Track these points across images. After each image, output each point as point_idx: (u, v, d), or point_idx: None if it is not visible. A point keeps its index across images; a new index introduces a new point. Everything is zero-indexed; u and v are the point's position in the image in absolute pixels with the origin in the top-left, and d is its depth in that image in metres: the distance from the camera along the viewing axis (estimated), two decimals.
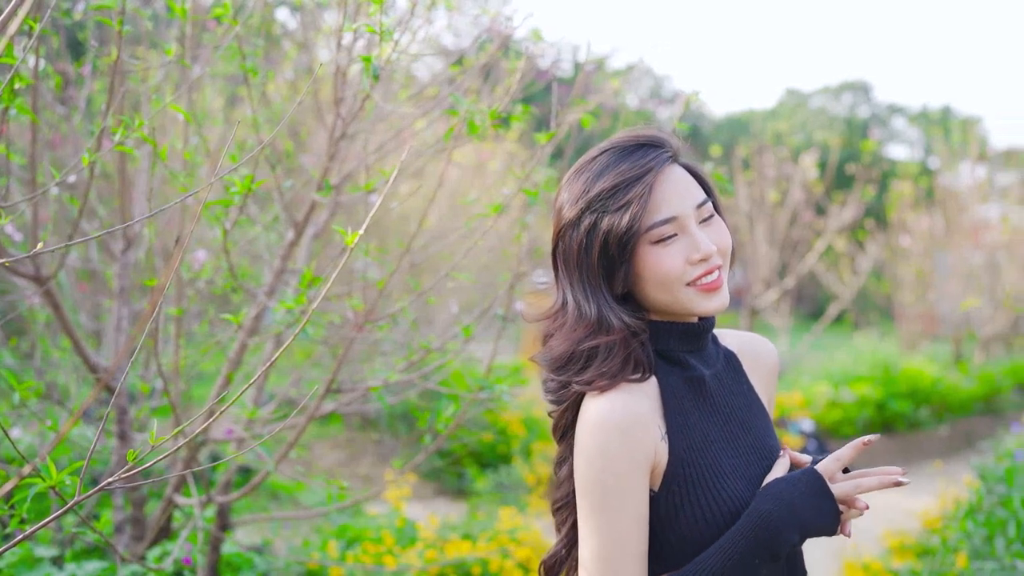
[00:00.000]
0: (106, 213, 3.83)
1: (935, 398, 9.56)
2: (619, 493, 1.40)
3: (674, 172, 1.48)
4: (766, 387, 1.63)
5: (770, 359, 1.65)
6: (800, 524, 1.38)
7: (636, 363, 1.47)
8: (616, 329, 1.46)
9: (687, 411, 1.48)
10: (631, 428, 1.41)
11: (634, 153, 1.47)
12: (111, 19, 2.29)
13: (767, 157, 10.91)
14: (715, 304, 1.47)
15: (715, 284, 1.46)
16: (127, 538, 3.09)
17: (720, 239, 1.49)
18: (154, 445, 1.29)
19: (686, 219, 1.45)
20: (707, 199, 1.49)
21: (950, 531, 4.55)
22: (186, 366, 3.30)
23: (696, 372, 1.51)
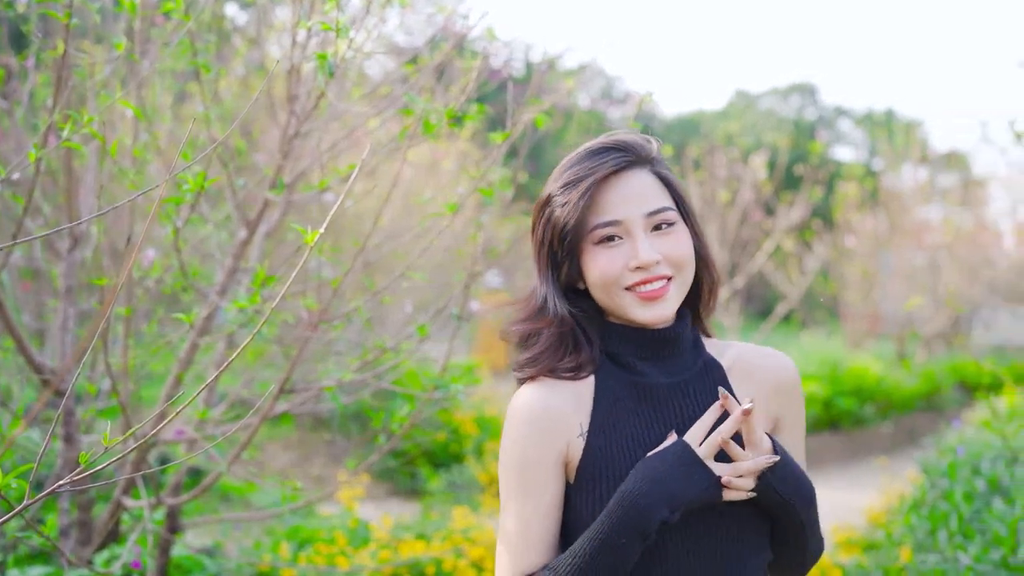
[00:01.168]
0: (51, 211, 3.74)
1: (879, 396, 9.78)
2: (525, 482, 1.47)
3: (633, 177, 1.49)
4: (766, 403, 1.54)
5: (770, 375, 1.55)
6: (669, 497, 1.38)
7: (573, 357, 1.51)
8: (553, 317, 1.51)
9: (621, 413, 1.49)
10: (539, 421, 1.47)
11: (597, 155, 1.49)
12: (57, 12, 2.24)
13: (718, 158, 11.05)
14: (651, 314, 1.47)
15: (654, 294, 1.46)
16: (73, 542, 3.03)
17: (673, 250, 1.47)
18: (108, 447, 1.27)
19: (631, 224, 1.47)
20: (665, 208, 1.48)
21: (894, 525, 4.65)
22: (135, 366, 3.24)
23: (644, 379, 1.51)
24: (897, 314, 12.34)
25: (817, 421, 9.11)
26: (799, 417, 1.59)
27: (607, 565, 1.38)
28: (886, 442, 9.54)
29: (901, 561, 4.04)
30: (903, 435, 9.69)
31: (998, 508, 3.66)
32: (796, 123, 30.12)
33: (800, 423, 1.59)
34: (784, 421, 1.57)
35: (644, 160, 1.51)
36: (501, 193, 3.24)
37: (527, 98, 3.27)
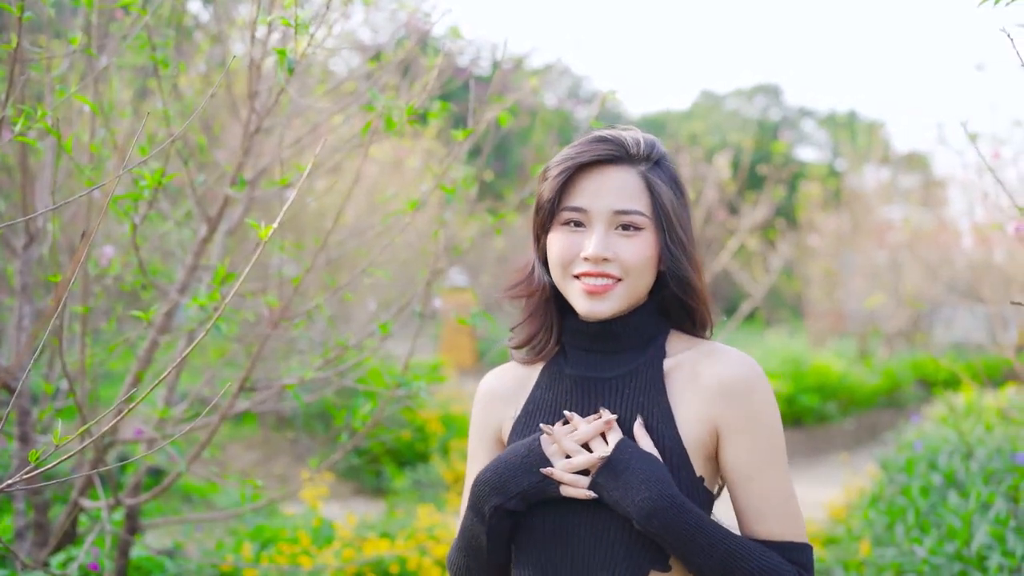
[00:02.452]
0: (6, 207, 3.68)
1: (842, 392, 9.91)
2: (472, 449, 1.64)
3: (615, 172, 1.50)
4: (707, 407, 1.47)
5: (714, 378, 1.47)
6: (503, 484, 1.47)
7: (540, 338, 1.60)
8: (536, 286, 1.58)
9: (549, 402, 1.56)
10: (482, 401, 1.65)
11: (593, 142, 1.52)
12: (10, 5, 2.21)
13: (682, 157, 11.12)
14: (588, 307, 1.49)
15: (596, 289, 1.48)
16: (29, 544, 2.98)
17: (628, 254, 1.47)
18: (58, 445, 1.26)
19: (596, 215, 1.49)
20: (635, 211, 1.47)
21: (854, 520, 4.72)
22: (93, 365, 3.20)
23: (579, 371, 1.55)
24: (860, 312, 12.52)
25: (781, 417, 9.22)
26: (751, 424, 1.46)
27: (467, 541, 1.53)
28: (848, 438, 9.68)
29: (860, 555, 4.10)
30: (865, 431, 9.83)
31: (953, 502, 3.73)
32: (760, 123, 30.39)
33: (753, 431, 1.46)
34: (728, 427, 1.46)
35: (633, 159, 1.50)
36: (465, 191, 3.24)
37: (490, 96, 3.27)
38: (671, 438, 1.46)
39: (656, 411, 1.48)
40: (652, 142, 1.54)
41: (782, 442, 1.49)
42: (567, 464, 1.44)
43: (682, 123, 27.48)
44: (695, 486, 1.45)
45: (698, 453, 1.46)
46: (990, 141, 5.56)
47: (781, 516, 1.45)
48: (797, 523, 1.47)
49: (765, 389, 1.48)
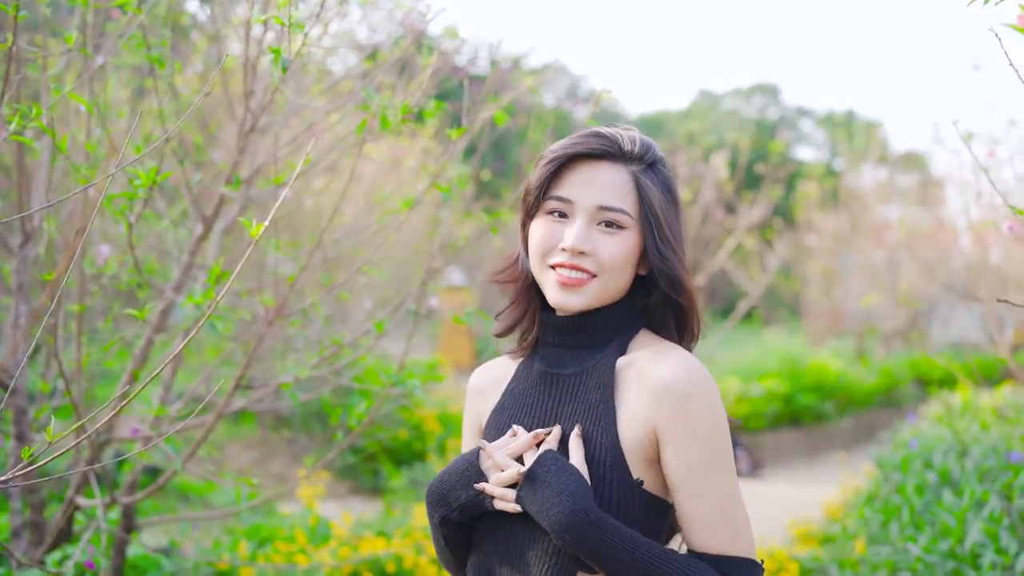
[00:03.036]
0: (3, 207, 3.69)
1: (839, 392, 9.93)
2: (463, 444, 1.71)
3: (605, 167, 1.50)
4: (646, 408, 1.44)
5: (654, 382, 1.43)
6: (444, 495, 1.52)
7: (523, 329, 1.63)
8: (520, 272, 1.60)
9: (518, 396, 1.59)
10: (470, 392, 1.70)
11: (587, 136, 1.52)
12: (6, 4, 2.21)
13: (680, 157, 11.13)
14: (560, 299, 1.50)
15: (569, 281, 1.48)
16: (25, 543, 2.99)
17: (606, 251, 1.47)
18: (52, 442, 1.26)
19: (579, 208, 1.49)
20: (619, 209, 1.47)
21: (850, 519, 4.73)
22: (89, 364, 3.20)
23: (544, 365, 1.57)
24: (857, 312, 12.53)
25: (778, 417, 9.23)
26: (686, 431, 1.40)
27: (435, 540, 1.58)
28: (846, 437, 9.69)
29: (856, 553, 4.11)
30: (862, 430, 9.84)
31: (948, 500, 3.74)
32: (758, 123, 30.41)
33: (688, 438, 1.40)
34: (664, 432, 1.42)
35: (626, 158, 1.50)
36: (461, 190, 3.25)
37: (486, 95, 3.28)
38: (609, 437, 1.44)
39: (601, 409, 1.47)
40: (649, 144, 1.53)
41: (723, 452, 1.42)
42: (497, 479, 1.46)
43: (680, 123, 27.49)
44: (628, 488, 1.42)
45: (637, 455, 1.43)
46: (986, 141, 5.57)
47: (719, 529, 1.41)
48: (739, 538, 1.42)
49: (705, 395, 1.42)
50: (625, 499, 1.42)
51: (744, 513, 1.45)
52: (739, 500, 1.45)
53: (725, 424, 1.44)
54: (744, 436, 8.75)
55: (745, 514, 1.45)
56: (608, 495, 1.41)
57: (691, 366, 1.44)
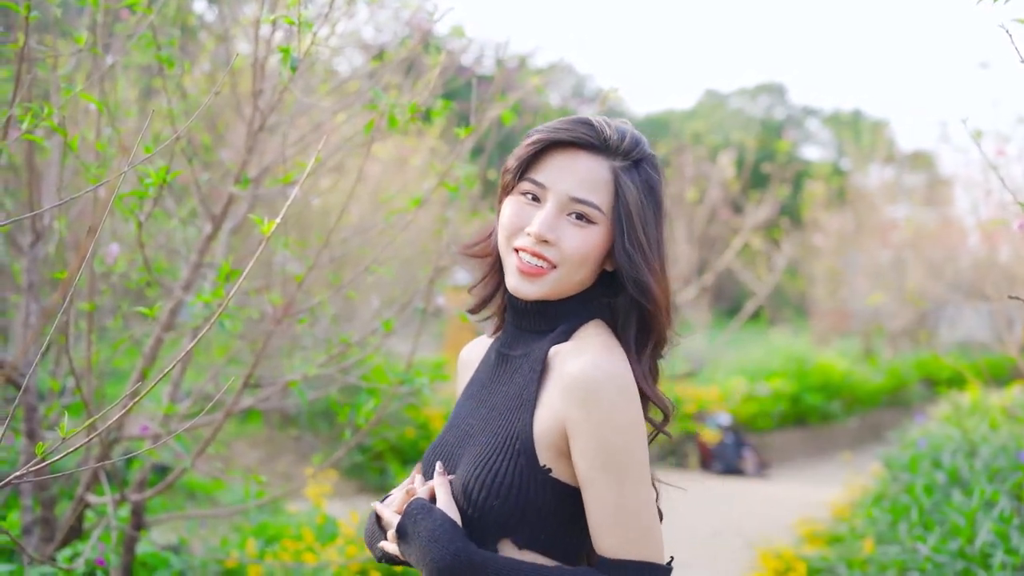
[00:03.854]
0: (14, 206, 3.70)
1: (846, 391, 9.91)
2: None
3: (585, 158, 1.47)
4: (558, 401, 1.43)
5: (564, 376, 1.42)
6: (370, 546, 1.59)
7: (489, 307, 1.65)
8: (493, 247, 1.59)
9: (479, 373, 1.64)
10: (458, 365, 1.76)
11: (574, 123, 1.50)
12: (17, 4, 2.22)
13: (686, 156, 11.13)
14: (517, 284, 1.49)
15: (528, 269, 1.47)
16: (36, 540, 3.00)
17: (570, 244, 1.45)
18: (65, 438, 1.27)
19: (552, 195, 1.47)
20: (591, 203, 1.45)
21: (857, 518, 4.72)
22: (99, 363, 3.22)
23: (500, 346, 1.60)
24: (864, 311, 12.50)
25: (784, 417, 9.21)
26: (587, 428, 1.38)
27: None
28: (852, 437, 9.67)
29: (864, 553, 4.11)
30: (869, 430, 9.82)
31: (957, 500, 3.73)
32: (764, 122, 30.36)
33: (588, 436, 1.38)
34: (569, 427, 1.41)
35: (609, 151, 1.47)
36: (468, 189, 3.25)
37: (493, 95, 3.28)
38: (524, 423, 1.45)
39: (525, 394, 1.48)
40: (636, 141, 1.50)
41: (622, 454, 1.38)
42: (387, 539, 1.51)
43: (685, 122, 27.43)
44: (534, 474, 1.42)
45: (548, 445, 1.43)
46: (994, 138, 5.56)
47: (613, 531, 1.38)
48: (636, 541, 1.38)
49: (610, 395, 1.38)
50: (531, 486, 1.42)
51: (648, 518, 1.40)
52: (643, 504, 1.40)
53: (632, 427, 1.39)
54: (751, 436, 8.74)
55: (650, 519, 1.41)
56: (511, 480, 1.42)
57: (603, 365, 1.40)
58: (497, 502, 1.42)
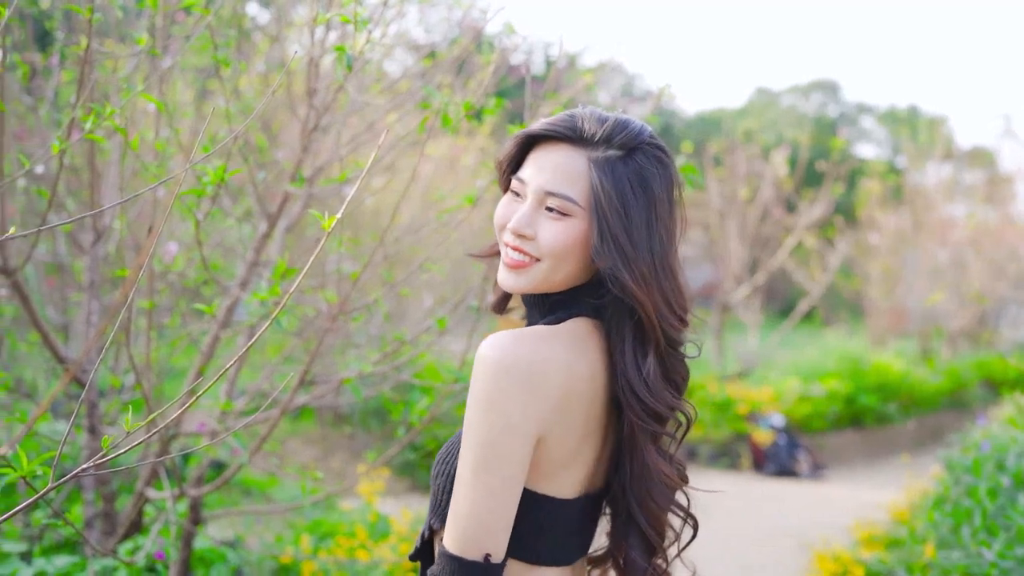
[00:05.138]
0: (75, 206, 3.78)
1: (903, 393, 9.70)
2: None
3: (562, 152, 1.45)
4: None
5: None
6: None
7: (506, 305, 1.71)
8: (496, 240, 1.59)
9: None
10: None
11: (558, 117, 1.49)
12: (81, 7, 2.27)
13: (738, 154, 11.00)
14: (503, 279, 1.49)
15: (512, 262, 1.47)
16: (97, 533, 3.07)
17: (545, 237, 1.43)
18: (130, 432, 1.28)
19: (530, 190, 1.46)
20: (565, 196, 1.42)
21: (918, 522, 4.61)
22: (158, 360, 3.27)
23: None
24: (921, 311, 12.24)
25: (839, 418, 9.05)
26: (469, 401, 1.38)
27: None
28: (910, 440, 9.47)
29: (925, 557, 4.01)
30: (927, 433, 9.60)
31: (1022, 504, 3.62)
32: (817, 120, 29.92)
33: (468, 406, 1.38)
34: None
35: (585, 142, 1.43)
36: None
37: (545, 93, 3.27)
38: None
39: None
40: (621, 129, 1.44)
41: (476, 435, 1.35)
42: None
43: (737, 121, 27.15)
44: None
45: None
46: None
47: (450, 511, 1.38)
48: (455, 526, 1.36)
49: (480, 373, 1.35)
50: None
51: (469, 506, 1.35)
52: (471, 490, 1.35)
53: (486, 407, 1.34)
54: (804, 437, 8.61)
55: (470, 507, 1.35)
56: (453, 458, 1.46)
57: (488, 343, 1.37)
58: (441, 480, 1.47)
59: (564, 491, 1.46)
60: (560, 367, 1.38)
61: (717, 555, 5.45)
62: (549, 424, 1.38)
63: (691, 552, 1.62)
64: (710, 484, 7.82)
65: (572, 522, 1.49)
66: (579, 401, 1.41)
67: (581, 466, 1.47)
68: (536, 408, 1.36)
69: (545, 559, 1.46)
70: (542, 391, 1.36)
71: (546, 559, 1.46)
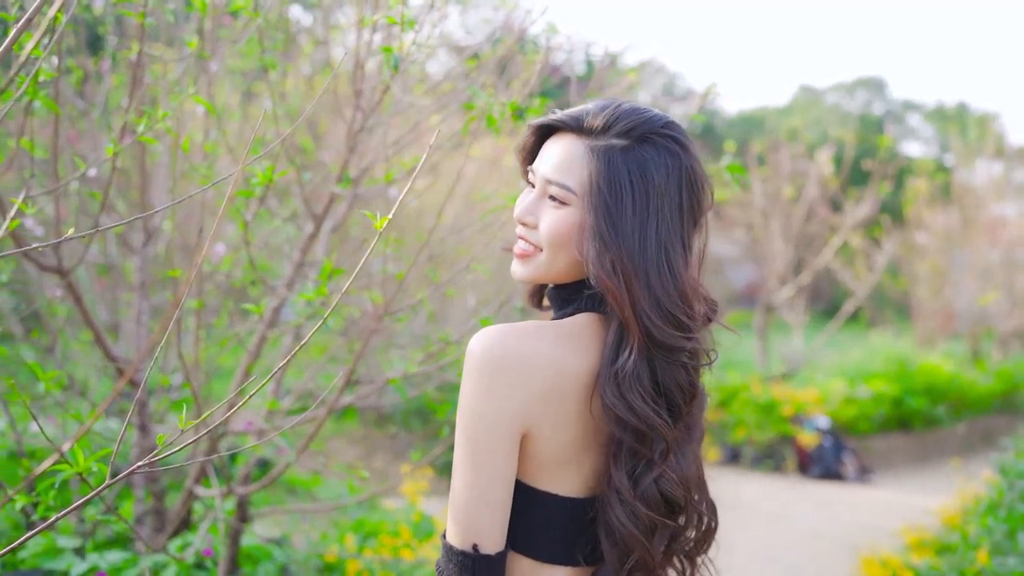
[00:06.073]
0: (125, 208, 3.85)
1: (952, 395, 9.51)
2: None
3: (564, 141, 1.45)
4: None
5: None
6: None
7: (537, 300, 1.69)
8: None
9: None
10: None
11: (569, 109, 1.49)
12: (133, 11, 2.30)
13: (782, 153, 10.87)
14: (512, 268, 1.51)
15: (517, 251, 1.50)
16: (148, 530, 3.11)
17: (544, 224, 1.44)
18: (184, 430, 1.30)
19: (536, 180, 1.47)
20: (562, 184, 1.41)
21: (970, 527, 4.52)
22: (206, 360, 3.31)
23: None
24: (971, 312, 12.00)
25: (886, 420, 8.90)
26: (460, 394, 1.39)
27: None
28: (959, 443, 9.28)
29: (978, 564, 3.93)
30: (977, 436, 9.41)
31: None
32: (862, 118, 29.47)
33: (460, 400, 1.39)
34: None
35: (586, 132, 1.42)
36: None
37: (588, 92, 3.25)
38: None
39: None
40: (624, 117, 1.40)
41: (462, 428, 1.37)
42: None
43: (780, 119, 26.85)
44: None
45: None
46: None
47: (449, 501, 1.40)
48: (450, 516, 1.38)
49: (465, 367, 1.37)
50: None
51: (459, 497, 1.37)
52: (463, 483, 1.37)
53: (471, 401, 1.35)
54: (850, 440, 8.48)
55: (459, 498, 1.37)
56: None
57: (485, 335, 1.37)
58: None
59: (568, 488, 1.43)
60: (544, 362, 1.36)
61: (761, 557, 5.39)
62: (534, 418, 1.36)
63: (734, 555, 1.59)
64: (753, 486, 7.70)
65: (578, 520, 1.44)
66: (570, 397, 1.38)
67: (587, 464, 1.43)
68: (518, 401, 1.35)
69: (547, 556, 1.43)
70: (524, 384, 1.35)
71: (548, 556, 1.43)
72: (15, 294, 4.29)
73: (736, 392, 8.64)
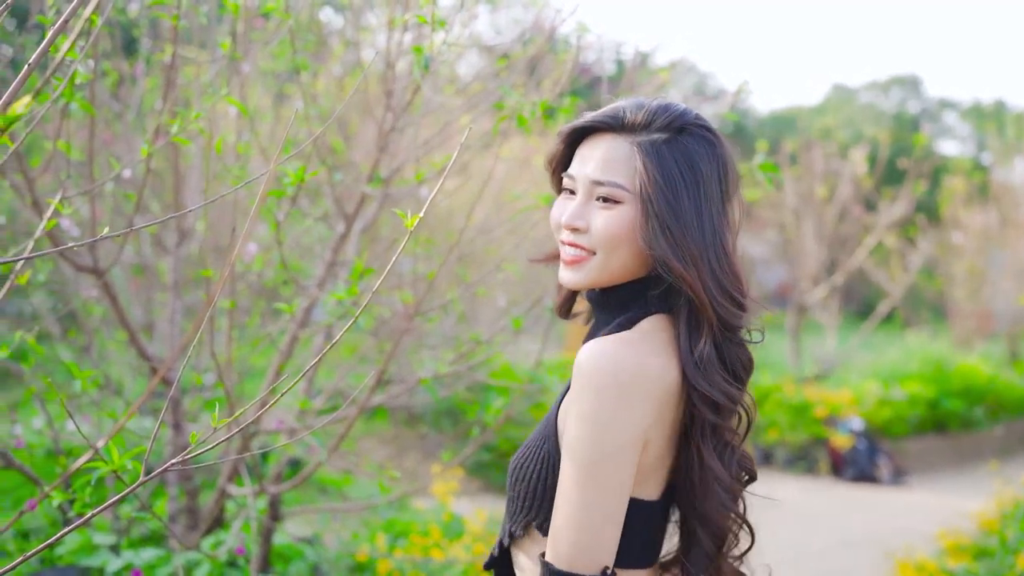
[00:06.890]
0: (160, 209, 3.89)
1: (990, 397, 9.35)
2: None
3: (606, 141, 1.44)
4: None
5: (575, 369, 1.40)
6: None
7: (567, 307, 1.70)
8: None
9: None
10: None
11: (601, 110, 1.48)
12: (168, 14, 2.33)
13: (815, 152, 10.75)
14: (562, 275, 1.49)
15: (567, 258, 1.47)
16: (181, 527, 3.14)
17: (599, 226, 1.42)
18: (216, 428, 1.31)
19: (579, 183, 1.46)
20: (613, 183, 1.41)
21: (1009, 531, 4.44)
22: (238, 359, 3.34)
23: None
24: (1008, 313, 11.80)
25: (921, 422, 8.76)
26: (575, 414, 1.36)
27: None
28: (997, 446, 9.11)
29: (1017, 569, 3.86)
30: (1016, 439, 9.24)
31: None
32: (897, 116, 29.11)
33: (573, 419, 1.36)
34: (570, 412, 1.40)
35: (627, 128, 1.43)
36: None
37: (619, 92, 3.24)
38: (554, 411, 1.48)
39: (569, 382, 1.46)
40: (662, 111, 1.42)
41: (586, 449, 1.33)
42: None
43: (813, 118, 26.58)
44: (553, 461, 1.43)
45: (563, 431, 1.42)
46: None
47: (555, 524, 1.36)
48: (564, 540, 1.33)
49: (588, 382, 1.34)
50: (549, 472, 1.43)
51: (581, 519, 1.33)
52: (584, 500, 1.33)
53: (594, 420, 1.33)
54: (885, 442, 8.37)
55: (588, 516, 1.33)
56: (533, 465, 1.45)
57: (593, 351, 1.36)
58: (522, 485, 1.46)
59: (651, 492, 1.45)
60: (657, 373, 1.38)
61: (793, 560, 5.33)
62: (651, 430, 1.38)
63: (766, 557, 1.58)
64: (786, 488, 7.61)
65: (656, 522, 1.48)
66: (671, 402, 1.41)
67: (669, 464, 1.46)
68: (642, 416, 1.35)
69: (637, 561, 1.45)
70: (646, 399, 1.36)
71: (637, 561, 1.45)
72: (52, 294, 4.35)
73: (768, 393, 8.56)
